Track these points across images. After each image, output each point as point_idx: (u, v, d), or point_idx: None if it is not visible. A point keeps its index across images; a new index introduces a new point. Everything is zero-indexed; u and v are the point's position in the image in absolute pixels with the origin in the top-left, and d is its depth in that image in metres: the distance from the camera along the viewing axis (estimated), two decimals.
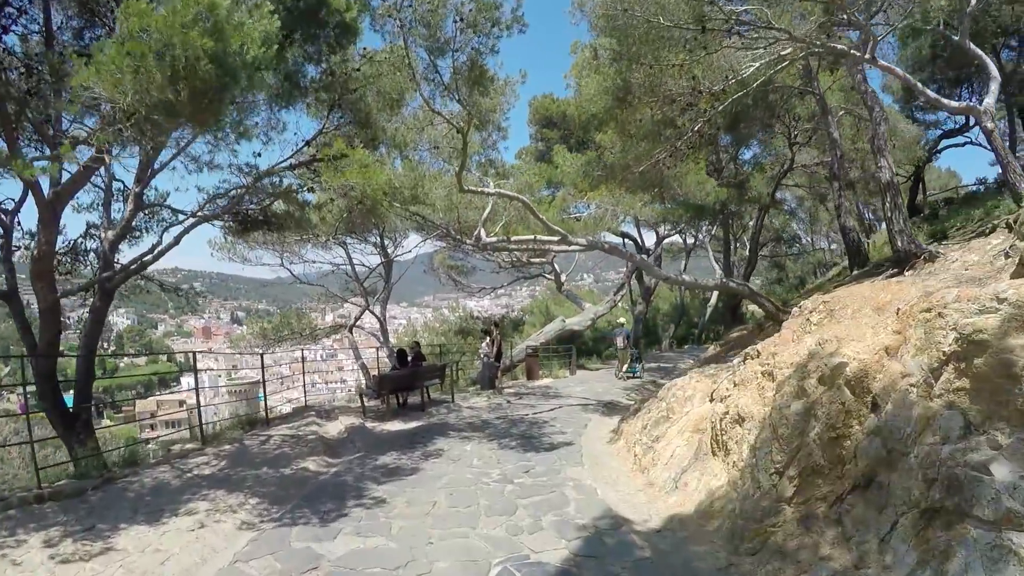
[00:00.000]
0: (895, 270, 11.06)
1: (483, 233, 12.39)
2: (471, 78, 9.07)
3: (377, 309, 21.18)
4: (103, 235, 12.43)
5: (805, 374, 5.94)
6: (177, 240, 12.44)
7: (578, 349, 21.40)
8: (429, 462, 8.69)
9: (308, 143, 12.62)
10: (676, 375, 20.60)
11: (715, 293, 36.22)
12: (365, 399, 12.77)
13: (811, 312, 7.11)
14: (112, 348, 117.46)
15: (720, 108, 12.27)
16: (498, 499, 6.92)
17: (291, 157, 12.45)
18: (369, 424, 11.90)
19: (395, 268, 24.00)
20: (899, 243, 10.90)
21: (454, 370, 19.47)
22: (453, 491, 7.22)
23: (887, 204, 11.25)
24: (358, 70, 10.27)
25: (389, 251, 21.52)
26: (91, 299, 12.20)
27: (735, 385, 7.31)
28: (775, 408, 6.01)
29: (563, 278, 22.71)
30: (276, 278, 26.15)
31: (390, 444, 10.06)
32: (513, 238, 12.22)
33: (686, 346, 33.43)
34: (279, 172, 12.62)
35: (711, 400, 8.40)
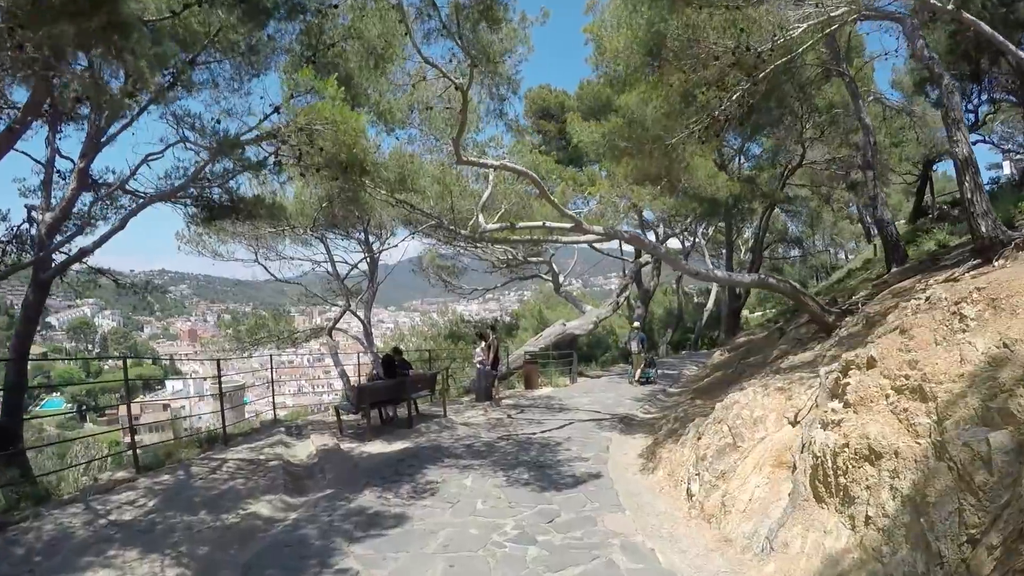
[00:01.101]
0: (976, 260, 8.95)
1: (482, 220, 10.16)
2: (478, 7, 6.82)
3: (361, 311, 18.82)
4: (40, 217, 10.14)
5: (999, 390, 3.78)
6: (123, 224, 10.27)
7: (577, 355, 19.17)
8: (419, 505, 6.36)
9: (278, 109, 10.40)
10: (684, 383, 18.56)
11: (712, 298, 34.27)
12: (342, 413, 10.44)
13: (958, 303, 4.93)
14: (97, 350, 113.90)
15: (761, 75, 10.21)
16: (520, 572, 4.64)
17: (257, 127, 10.24)
18: (346, 445, 9.58)
19: (382, 268, 21.74)
20: (983, 228, 8.79)
21: (444, 378, 17.17)
22: (454, 559, 4.91)
23: (967, 184, 9.14)
24: (335, 6, 8.02)
25: (375, 248, 19.20)
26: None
27: (847, 405, 5.11)
28: (956, 443, 3.81)
29: (561, 279, 20.49)
30: (264, 280, 23.82)
31: (370, 475, 7.73)
32: (518, 224, 9.98)
33: (683, 351, 31.40)
34: (243, 143, 10.42)
35: (794, 423, 6.22)
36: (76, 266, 11.14)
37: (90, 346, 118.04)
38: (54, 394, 79.44)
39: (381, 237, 18.84)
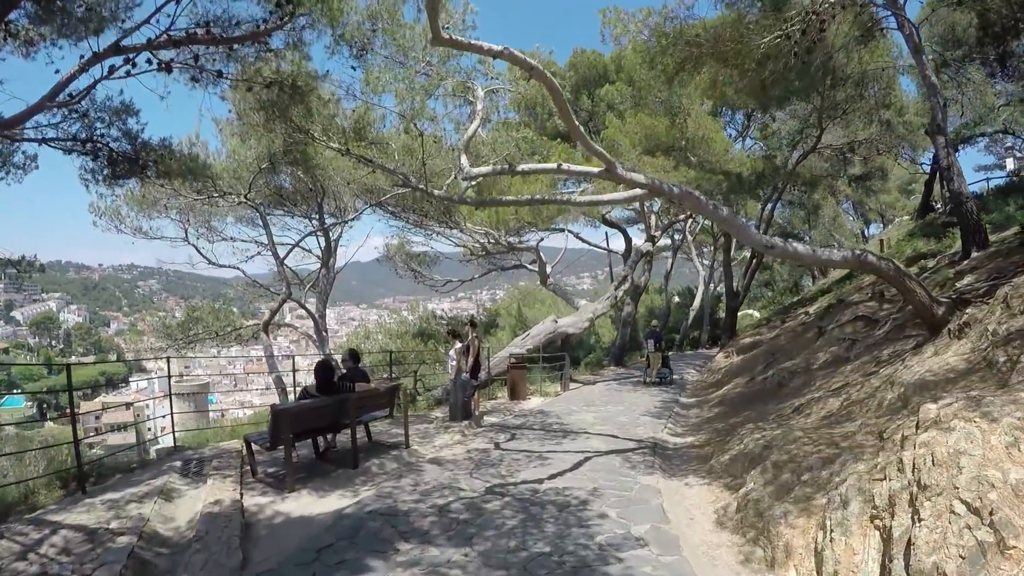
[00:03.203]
0: None
1: (465, 163, 6.59)
2: None
3: (313, 303, 15.01)
4: None
5: None
6: None
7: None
8: None
9: None
10: (693, 389, 14.96)
11: (698, 299, 31.09)
12: (254, 447, 6.68)
13: None
14: (60, 346, 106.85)
15: None
16: None
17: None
18: (252, 501, 5.88)
19: (350, 263, 18.02)
20: None
21: (407, 392, 13.45)
22: None
23: None
24: None
25: (330, 228, 15.44)
26: None
27: None
28: None
29: (548, 269, 16.94)
30: (235, 277, 19.88)
31: None
32: (520, 167, 6.41)
33: (670, 352, 28.07)
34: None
35: None
36: None
37: (54, 342, 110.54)
38: (15, 391, 73.30)
39: (341, 215, 15.11)
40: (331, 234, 15.92)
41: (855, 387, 7.51)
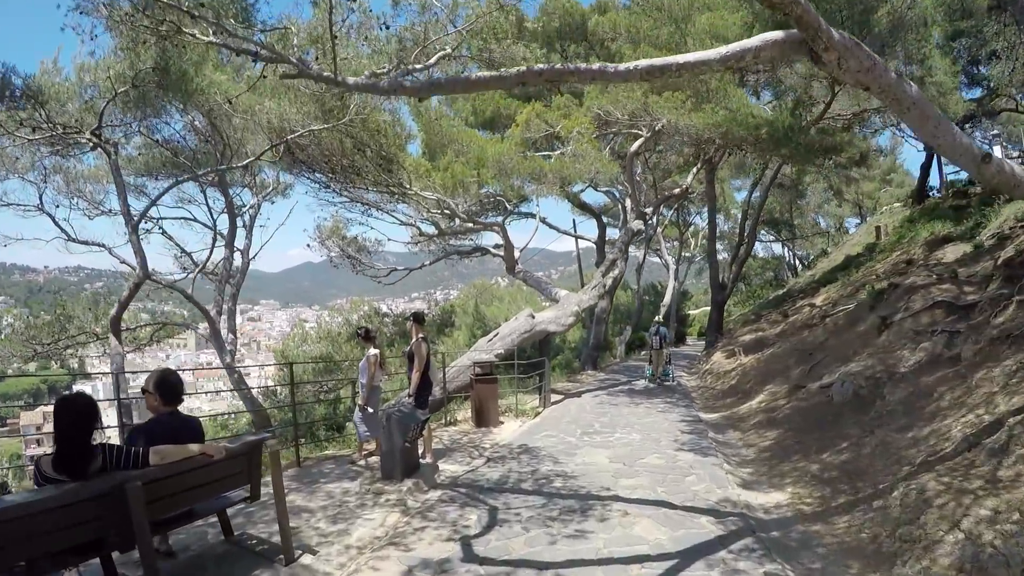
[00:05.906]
0: None
1: None
2: None
3: (213, 303, 10.70)
4: None
5: None
6: None
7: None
8: None
9: None
10: (711, 401, 11.50)
11: (668, 294, 27.77)
12: None
13: None
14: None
15: None
16: None
17: None
18: None
19: (259, 235, 13.88)
20: None
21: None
22: None
23: None
24: None
25: (241, 203, 11.19)
26: None
27: None
28: None
29: (517, 254, 13.08)
30: (186, 276, 15.27)
31: None
32: None
33: (642, 352, 24.72)
34: None
35: None
36: None
37: None
38: None
39: (243, 166, 10.85)
40: (241, 209, 11.74)
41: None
